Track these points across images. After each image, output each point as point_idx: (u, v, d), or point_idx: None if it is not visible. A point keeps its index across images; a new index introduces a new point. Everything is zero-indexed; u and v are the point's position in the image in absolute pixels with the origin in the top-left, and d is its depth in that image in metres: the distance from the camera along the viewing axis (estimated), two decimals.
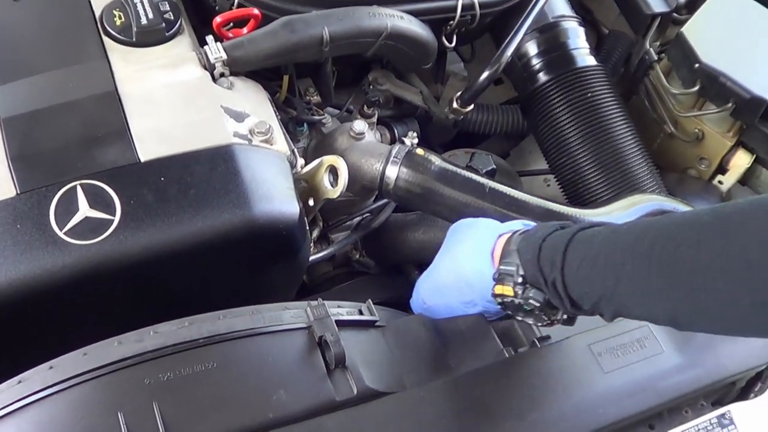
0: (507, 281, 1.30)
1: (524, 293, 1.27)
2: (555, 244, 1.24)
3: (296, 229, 1.48)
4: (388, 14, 1.71)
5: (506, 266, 1.31)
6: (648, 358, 1.39)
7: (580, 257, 1.19)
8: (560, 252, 1.21)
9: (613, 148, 1.94)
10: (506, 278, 1.30)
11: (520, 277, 1.28)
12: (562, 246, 1.22)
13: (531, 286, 1.27)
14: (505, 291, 1.30)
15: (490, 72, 1.85)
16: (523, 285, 1.28)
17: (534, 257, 1.25)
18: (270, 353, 1.24)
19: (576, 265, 1.19)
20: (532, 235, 1.30)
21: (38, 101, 1.46)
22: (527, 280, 1.28)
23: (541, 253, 1.25)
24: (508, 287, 1.29)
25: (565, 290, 1.21)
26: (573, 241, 1.22)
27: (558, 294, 1.22)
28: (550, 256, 1.23)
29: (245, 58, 1.60)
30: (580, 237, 1.22)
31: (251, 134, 1.49)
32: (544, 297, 1.26)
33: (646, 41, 2.14)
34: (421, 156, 1.67)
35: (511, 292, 1.29)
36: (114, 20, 1.59)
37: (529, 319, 1.33)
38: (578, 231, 1.24)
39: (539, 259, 1.24)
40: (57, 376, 1.16)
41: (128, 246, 1.35)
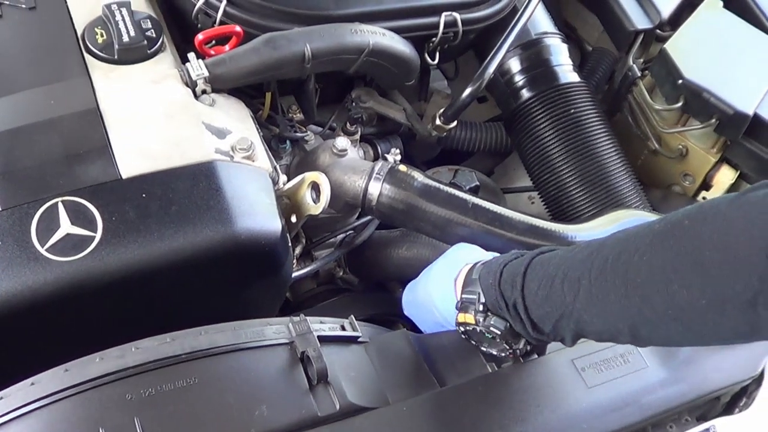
0: (469, 309, 1.31)
1: (485, 321, 1.28)
2: (514, 268, 1.25)
3: (279, 245, 1.47)
4: (370, 31, 1.71)
5: (468, 294, 1.32)
6: (632, 372, 1.39)
7: (539, 277, 1.20)
8: (520, 274, 1.23)
9: (597, 164, 1.95)
10: (468, 306, 1.31)
11: (481, 305, 1.29)
12: (522, 268, 1.23)
13: (492, 314, 1.28)
14: (467, 319, 1.31)
15: (473, 89, 1.84)
16: (484, 313, 1.28)
17: (495, 282, 1.27)
18: (252, 369, 1.24)
19: (536, 286, 1.20)
20: (493, 263, 1.31)
21: (20, 118, 1.46)
22: (488, 307, 1.28)
23: (502, 277, 1.26)
24: (469, 315, 1.30)
25: (526, 312, 1.22)
26: (532, 263, 1.23)
27: (519, 317, 1.23)
28: (510, 280, 1.24)
29: (227, 75, 1.60)
30: (538, 260, 1.24)
31: (233, 151, 1.49)
32: (506, 325, 1.26)
33: (630, 57, 2.14)
34: (403, 172, 1.66)
35: (472, 320, 1.30)
36: (96, 38, 1.59)
37: (492, 349, 1.33)
38: (537, 255, 1.25)
39: (500, 284, 1.26)
40: (38, 392, 1.16)
41: (110, 262, 1.34)
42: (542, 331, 1.23)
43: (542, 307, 1.20)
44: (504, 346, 1.30)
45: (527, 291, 1.21)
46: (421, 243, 1.80)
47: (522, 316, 1.22)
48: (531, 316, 1.22)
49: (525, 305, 1.22)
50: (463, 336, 1.36)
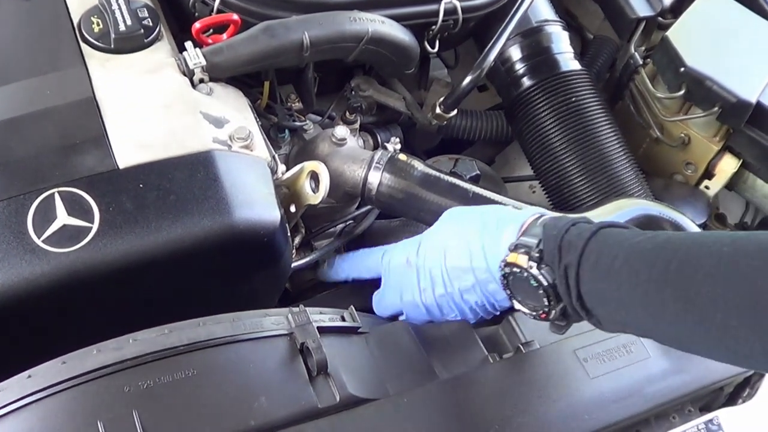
0: (522, 251, 1.26)
1: (537, 267, 1.24)
2: (581, 231, 1.22)
3: (278, 235, 1.46)
4: (369, 19, 1.69)
5: (527, 237, 1.28)
6: (634, 363, 1.39)
7: (599, 251, 1.17)
8: (583, 239, 1.20)
9: (599, 153, 1.93)
10: (522, 249, 1.27)
11: (538, 251, 1.25)
12: (587, 234, 1.20)
13: (545, 264, 1.24)
14: (518, 260, 1.26)
15: (473, 77, 1.83)
16: (538, 259, 1.24)
17: (558, 235, 1.23)
18: (251, 360, 1.23)
19: (594, 258, 1.17)
20: (562, 218, 1.28)
21: (15, 109, 1.45)
22: (543, 255, 1.25)
23: (566, 233, 1.23)
24: (522, 256, 1.26)
25: (576, 279, 1.19)
26: (598, 233, 1.20)
27: (567, 282, 1.20)
28: (572, 240, 1.21)
29: (225, 63, 1.59)
30: (605, 232, 1.21)
31: (231, 140, 1.47)
32: (554, 278, 1.23)
33: (631, 45, 2.12)
34: (403, 161, 1.65)
35: (524, 262, 1.25)
36: (92, 27, 1.57)
37: (528, 302, 1.30)
38: (607, 226, 1.22)
39: (562, 239, 1.22)
40: (35, 384, 1.15)
41: (107, 253, 1.33)
42: (584, 305, 1.20)
43: (594, 282, 1.18)
44: (543, 302, 1.26)
45: (584, 259, 1.18)
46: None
47: (570, 281, 1.20)
48: (580, 285, 1.19)
49: (578, 272, 1.19)
50: (502, 280, 1.32)
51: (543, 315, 1.28)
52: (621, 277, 1.13)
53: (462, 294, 1.41)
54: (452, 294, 1.42)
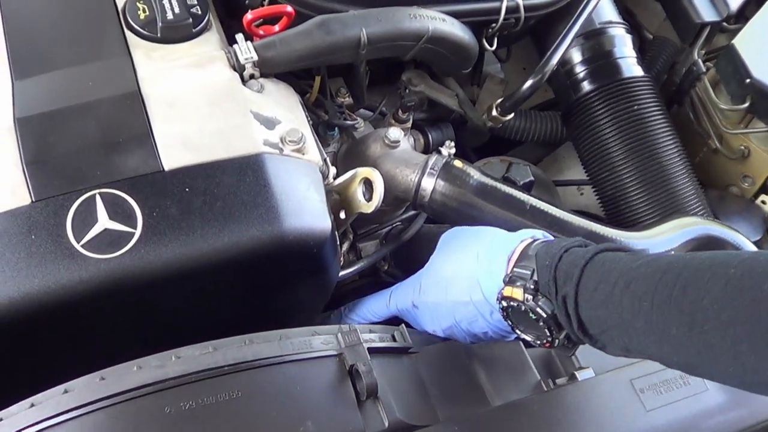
0: (518, 284, 1.25)
1: (534, 300, 1.22)
2: (575, 258, 1.20)
3: (327, 245, 1.39)
4: (429, 16, 1.62)
5: (521, 269, 1.27)
6: (692, 396, 1.35)
7: (598, 278, 1.15)
8: (578, 267, 1.17)
9: (659, 166, 1.86)
10: (518, 281, 1.26)
11: (533, 282, 1.23)
12: (582, 261, 1.18)
13: (541, 295, 1.22)
14: (514, 294, 1.25)
15: (534, 81, 1.77)
16: (534, 291, 1.23)
17: (552, 264, 1.21)
18: (298, 382, 1.18)
19: (592, 286, 1.15)
20: (554, 244, 1.26)
21: (56, 101, 1.37)
22: (539, 287, 1.23)
23: (560, 262, 1.21)
24: (517, 290, 1.24)
25: (575, 308, 1.17)
26: (594, 260, 1.18)
27: (566, 312, 1.18)
28: (567, 269, 1.19)
29: (277, 59, 1.51)
30: (601, 258, 1.18)
31: (282, 143, 1.40)
32: (553, 309, 1.21)
33: (695, 51, 2.06)
34: (459, 168, 1.59)
35: (520, 295, 1.24)
36: (138, 13, 1.50)
37: (529, 334, 1.28)
38: (601, 251, 1.20)
39: (556, 268, 1.20)
40: (72, 401, 1.10)
41: (149, 261, 1.26)
42: (587, 332, 1.18)
43: (594, 309, 1.15)
44: (544, 332, 1.24)
45: (582, 287, 1.16)
46: None
47: (570, 310, 1.17)
48: (580, 313, 1.17)
49: (576, 301, 1.16)
50: (501, 314, 1.30)
51: (547, 344, 1.26)
52: (622, 304, 1.10)
53: (470, 325, 1.40)
54: (460, 325, 1.41)
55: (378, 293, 1.61)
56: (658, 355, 1.11)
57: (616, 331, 1.13)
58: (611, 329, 1.13)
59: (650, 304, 1.06)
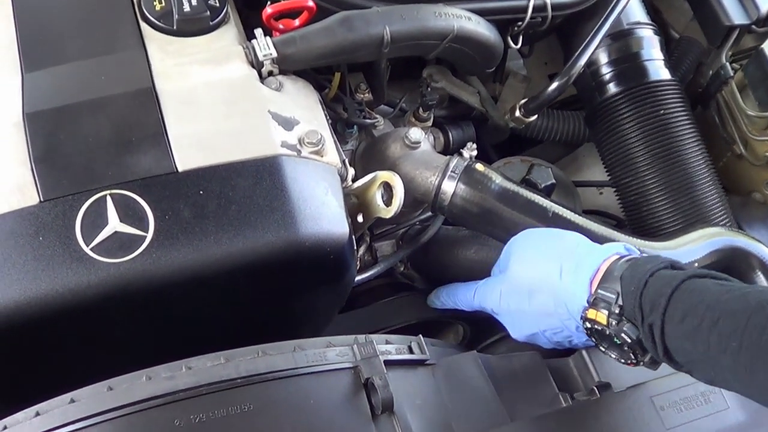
0: (602, 307, 1.22)
1: (618, 325, 1.20)
2: (661, 283, 1.17)
3: (345, 251, 1.36)
4: (455, 14, 1.58)
5: (605, 291, 1.24)
6: (712, 414, 1.34)
7: (685, 310, 1.12)
8: (665, 296, 1.14)
9: (684, 173, 1.83)
10: (602, 304, 1.23)
11: (618, 307, 1.21)
12: (668, 290, 1.14)
13: (626, 320, 1.20)
14: (598, 318, 1.23)
15: (560, 83, 1.73)
16: (619, 316, 1.20)
17: (637, 290, 1.18)
18: (311, 395, 1.15)
19: (679, 317, 1.12)
20: (640, 266, 1.22)
21: (66, 95, 1.34)
22: (624, 312, 1.20)
23: (646, 288, 1.17)
24: (602, 314, 1.22)
25: (662, 337, 1.14)
26: (680, 288, 1.14)
27: (653, 338, 1.15)
28: (653, 297, 1.16)
29: (297, 56, 1.48)
30: (689, 285, 1.15)
31: (300, 144, 1.36)
32: (638, 335, 1.18)
33: (722, 54, 2.01)
34: (481, 172, 1.56)
35: (604, 320, 1.22)
36: (153, 4, 1.46)
37: (613, 352, 1.25)
38: (688, 278, 1.16)
39: (642, 295, 1.17)
40: (79, 411, 1.08)
41: (161, 266, 1.23)
42: (672, 359, 1.15)
43: (681, 341, 1.12)
44: (629, 355, 1.22)
45: (668, 318, 1.13)
46: (491, 246, 1.69)
47: (656, 339, 1.15)
48: (666, 342, 1.14)
49: (663, 330, 1.14)
50: (585, 332, 1.29)
51: (631, 364, 1.24)
52: (710, 341, 1.08)
53: (554, 335, 1.38)
54: (544, 333, 1.39)
55: (467, 283, 1.58)
56: (743, 392, 1.09)
57: (702, 364, 1.11)
58: (698, 362, 1.12)
59: (738, 345, 1.04)
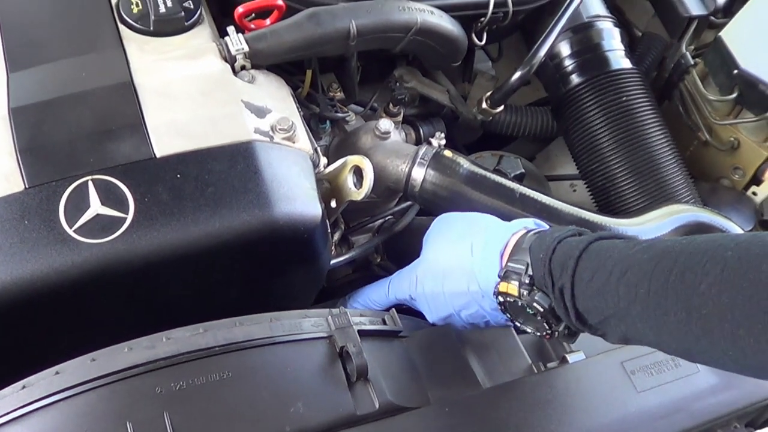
0: (513, 279, 1.24)
1: (530, 295, 1.22)
2: (569, 248, 1.19)
3: (318, 231, 1.41)
4: (418, 9, 1.64)
5: (515, 263, 1.26)
6: (683, 377, 1.35)
7: (593, 268, 1.14)
8: (573, 258, 1.16)
9: (648, 156, 1.88)
10: (512, 276, 1.25)
11: (528, 277, 1.22)
12: (576, 252, 1.16)
13: (537, 289, 1.22)
14: (510, 290, 1.25)
15: (522, 72, 1.79)
16: (529, 286, 1.22)
17: (546, 257, 1.20)
18: (288, 363, 1.19)
19: (588, 276, 1.14)
20: (548, 236, 1.24)
21: (49, 91, 1.39)
22: (535, 281, 1.22)
23: (554, 254, 1.20)
24: (513, 286, 1.24)
25: (572, 300, 1.16)
26: (588, 249, 1.17)
27: (564, 303, 1.17)
28: (562, 260, 1.18)
29: (268, 50, 1.53)
30: (596, 246, 1.17)
31: (273, 131, 1.42)
32: (550, 303, 1.20)
33: (683, 44, 2.07)
34: (449, 158, 1.60)
35: (515, 291, 1.23)
36: (131, 8, 1.52)
37: (528, 326, 1.28)
38: (595, 240, 1.19)
39: (551, 261, 1.19)
40: (63, 382, 1.11)
41: (141, 246, 1.28)
42: (585, 322, 1.17)
43: (591, 299, 1.14)
44: (543, 325, 1.24)
45: (578, 278, 1.15)
46: None
47: (567, 302, 1.16)
48: (577, 305, 1.16)
49: (573, 292, 1.15)
50: (499, 308, 1.31)
51: (547, 336, 1.26)
52: (619, 293, 1.09)
53: (468, 315, 1.40)
54: (459, 314, 1.41)
55: (377, 282, 1.61)
56: (656, 342, 1.10)
57: (613, 320, 1.12)
58: (609, 318, 1.12)
59: (647, 291, 1.06)
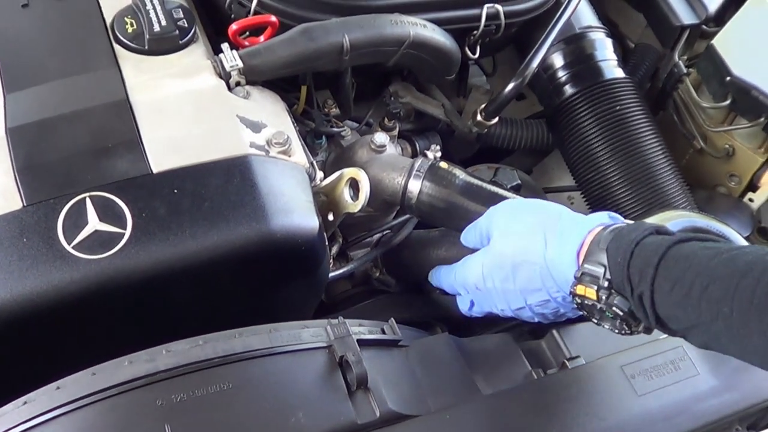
0: (590, 283, 1.20)
1: (608, 299, 1.18)
2: (648, 253, 1.15)
3: (315, 244, 1.42)
4: (410, 22, 1.65)
5: (592, 266, 1.21)
6: (683, 380, 1.35)
7: (674, 278, 1.10)
8: (652, 266, 1.12)
9: (643, 163, 1.89)
10: (590, 279, 1.20)
11: (606, 281, 1.18)
12: (656, 259, 1.13)
13: (616, 293, 1.18)
14: (588, 293, 1.20)
15: (516, 84, 1.79)
16: (608, 290, 1.18)
17: (624, 262, 1.16)
18: (288, 373, 1.19)
19: (668, 286, 1.10)
20: (625, 236, 1.20)
21: (46, 110, 1.41)
22: (613, 285, 1.18)
23: (632, 259, 1.15)
24: (591, 290, 1.20)
25: (652, 307, 1.13)
26: (668, 255, 1.13)
27: (644, 309, 1.14)
28: (640, 267, 1.14)
29: (262, 66, 1.55)
30: (675, 252, 1.13)
31: (268, 145, 1.43)
32: (629, 306, 1.17)
33: (675, 54, 2.08)
34: (444, 169, 1.60)
35: (594, 295, 1.19)
36: (125, 27, 1.54)
37: (605, 324, 1.23)
38: (674, 244, 1.14)
39: (629, 266, 1.15)
40: (64, 396, 1.11)
41: (139, 261, 1.29)
42: (666, 326, 1.14)
43: (672, 309, 1.11)
44: (623, 327, 1.20)
45: (657, 287, 1.12)
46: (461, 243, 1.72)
47: (647, 309, 1.13)
48: (657, 311, 1.13)
49: (653, 300, 1.12)
50: (575, 307, 1.28)
51: (626, 334, 1.22)
52: (701, 308, 1.07)
53: (542, 307, 1.36)
54: (532, 307, 1.36)
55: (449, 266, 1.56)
56: (739, 356, 1.08)
57: (696, 330, 1.10)
58: (691, 328, 1.10)
59: (730, 310, 1.03)
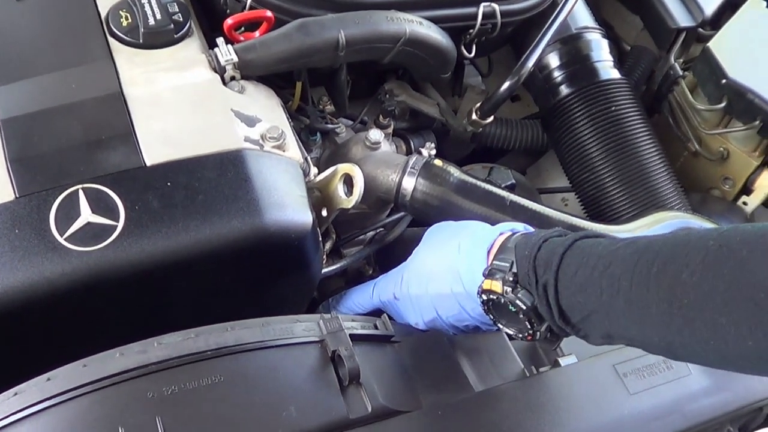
0: (497, 276, 1.23)
1: (513, 292, 1.21)
2: (554, 246, 1.19)
3: (309, 239, 1.41)
4: (406, 19, 1.65)
5: (500, 261, 1.26)
6: (675, 380, 1.35)
7: (577, 264, 1.14)
8: (558, 255, 1.16)
9: (638, 164, 1.89)
10: (497, 273, 1.24)
11: (512, 275, 1.22)
12: (561, 249, 1.17)
13: (521, 287, 1.21)
14: (493, 287, 1.23)
15: (511, 83, 1.78)
16: (513, 283, 1.21)
17: (531, 255, 1.20)
18: (280, 367, 1.18)
19: (572, 271, 1.14)
20: (533, 236, 1.25)
21: (40, 102, 1.40)
22: (519, 279, 1.21)
23: (539, 252, 1.19)
24: (497, 282, 1.23)
25: (555, 296, 1.15)
26: (573, 246, 1.17)
27: (547, 300, 1.17)
28: (546, 257, 1.18)
29: (257, 61, 1.55)
30: (580, 244, 1.17)
31: (263, 139, 1.43)
32: (533, 301, 1.20)
33: (671, 56, 2.08)
34: (439, 167, 1.61)
35: (499, 288, 1.22)
36: (120, 21, 1.54)
37: (511, 327, 1.26)
38: (580, 238, 1.19)
39: (535, 258, 1.19)
40: (55, 388, 1.11)
41: (132, 253, 1.28)
42: (568, 321, 1.16)
43: (575, 295, 1.13)
44: (525, 325, 1.22)
45: (562, 274, 1.15)
46: None
47: (550, 299, 1.16)
48: (560, 301, 1.15)
49: (556, 288, 1.15)
50: (482, 308, 1.29)
51: (529, 337, 1.25)
52: (601, 286, 1.09)
53: (452, 317, 1.39)
54: (443, 317, 1.39)
55: (362, 285, 1.61)
56: (639, 338, 1.10)
57: (596, 315, 1.12)
58: (592, 314, 1.12)
59: (629, 283, 1.05)
